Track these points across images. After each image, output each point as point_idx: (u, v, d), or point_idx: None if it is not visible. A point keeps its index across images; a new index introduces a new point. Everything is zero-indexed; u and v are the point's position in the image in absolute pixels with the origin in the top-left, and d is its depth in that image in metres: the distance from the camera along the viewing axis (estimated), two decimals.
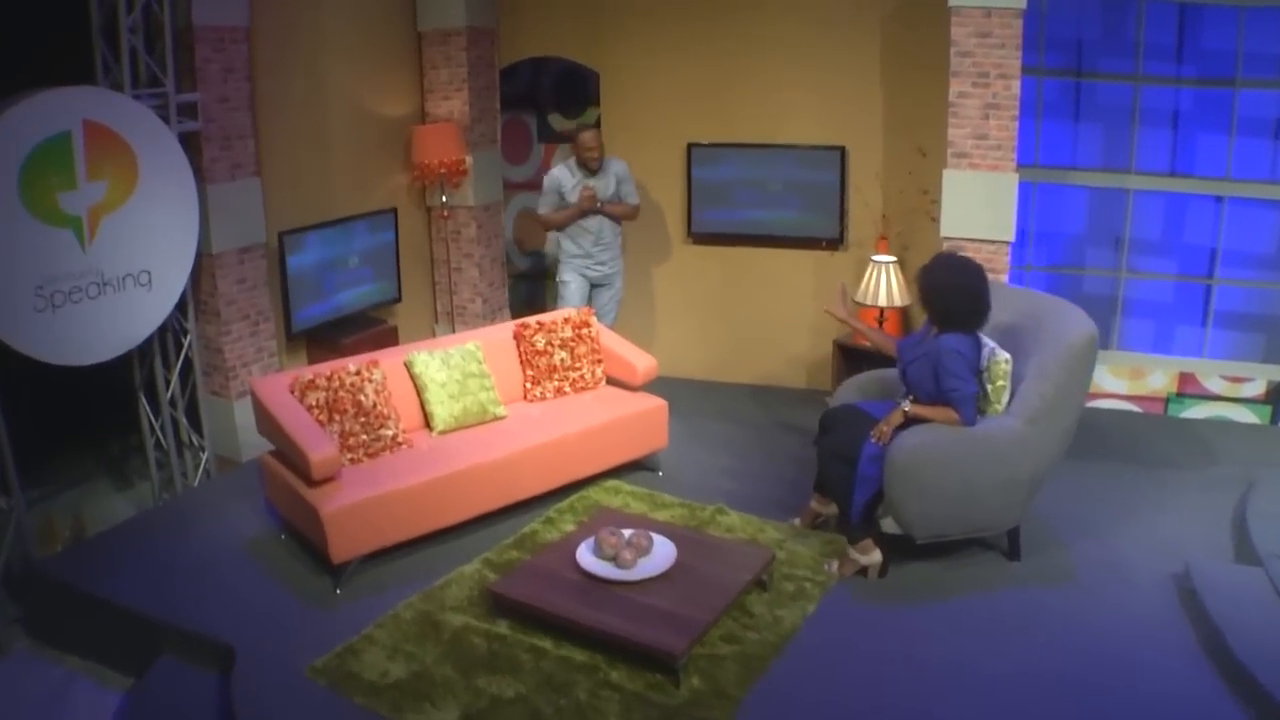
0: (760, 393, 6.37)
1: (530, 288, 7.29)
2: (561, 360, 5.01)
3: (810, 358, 6.43)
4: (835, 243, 6.14)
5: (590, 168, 5.64)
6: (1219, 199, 5.60)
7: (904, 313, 4.89)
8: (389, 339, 5.82)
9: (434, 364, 4.62)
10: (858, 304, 4.95)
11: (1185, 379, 5.77)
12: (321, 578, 4.09)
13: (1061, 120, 5.72)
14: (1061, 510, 4.55)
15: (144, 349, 4.71)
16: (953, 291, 3.87)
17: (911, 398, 4.06)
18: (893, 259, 4.78)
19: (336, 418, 4.21)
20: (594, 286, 5.90)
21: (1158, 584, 4.03)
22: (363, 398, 4.30)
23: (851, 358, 6.10)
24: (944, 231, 5.23)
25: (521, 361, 5.02)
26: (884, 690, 3.43)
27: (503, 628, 3.70)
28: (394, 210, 5.96)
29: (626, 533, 3.90)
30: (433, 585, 4.01)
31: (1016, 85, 4.94)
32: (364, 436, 4.26)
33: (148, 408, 4.89)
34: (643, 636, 3.44)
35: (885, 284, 4.74)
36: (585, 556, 3.84)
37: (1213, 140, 5.55)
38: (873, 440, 4.02)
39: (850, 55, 5.90)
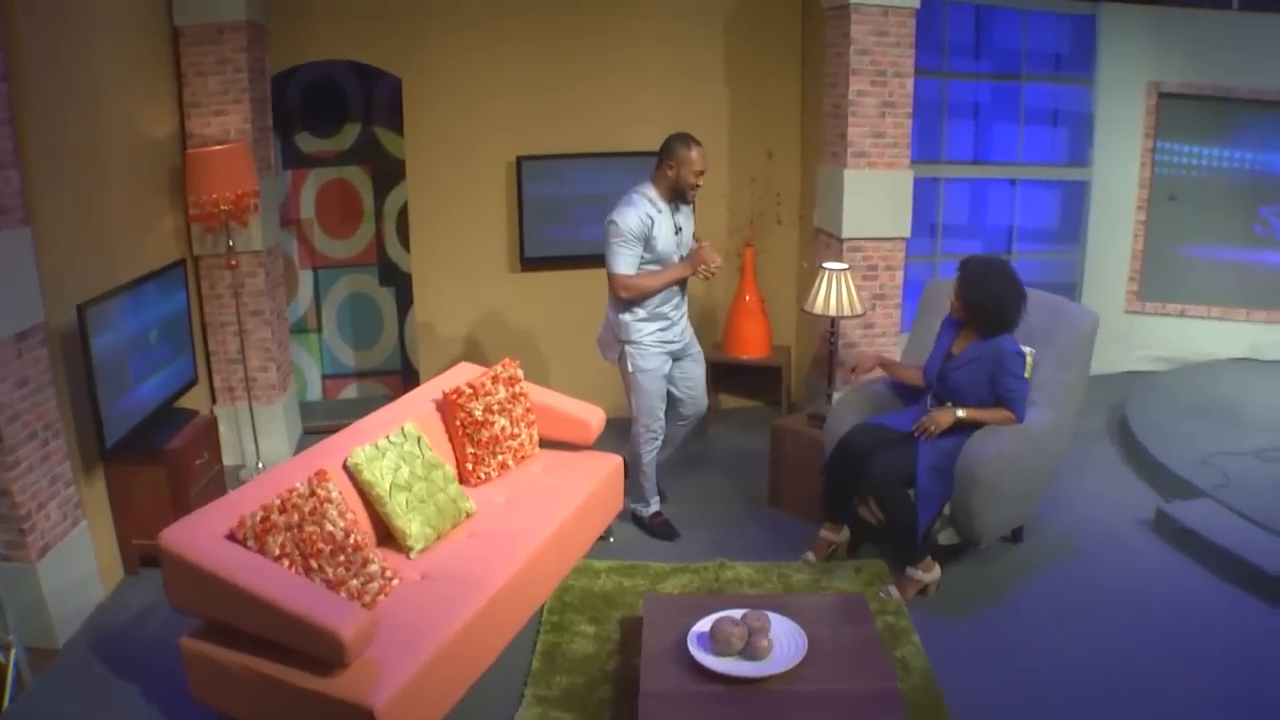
0: (621, 426, 5.77)
1: None
2: (503, 429, 4.04)
3: None
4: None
5: (689, 199, 4.17)
6: (1013, 182, 6.19)
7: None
8: (212, 434, 4.30)
9: (384, 462, 3.43)
10: (807, 312, 4.64)
11: None
12: None
13: None
14: None
15: None
16: (1006, 296, 3.74)
17: (950, 404, 3.87)
18: (844, 266, 4.52)
19: (315, 564, 2.93)
20: (674, 360, 4.34)
21: (1148, 533, 4.37)
22: (331, 528, 3.04)
23: (718, 373, 5.77)
24: (845, 233, 5.11)
25: (456, 437, 3.96)
26: (1062, 698, 3.28)
27: None
28: (183, 263, 4.39)
29: (736, 614, 3.22)
30: None
31: (910, 83, 4.95)
32: (354, 582, 3.01)
33: None
34: None
35: (844, 292, 4.46)
36: (711, 660, 3.08)
37: (1006, 129, 6.12)
38: (916, 433, 3.83)
39: (693, 55, 5.53)
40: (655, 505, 4.49)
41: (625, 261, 4.01)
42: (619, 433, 4.81)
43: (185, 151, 4.56)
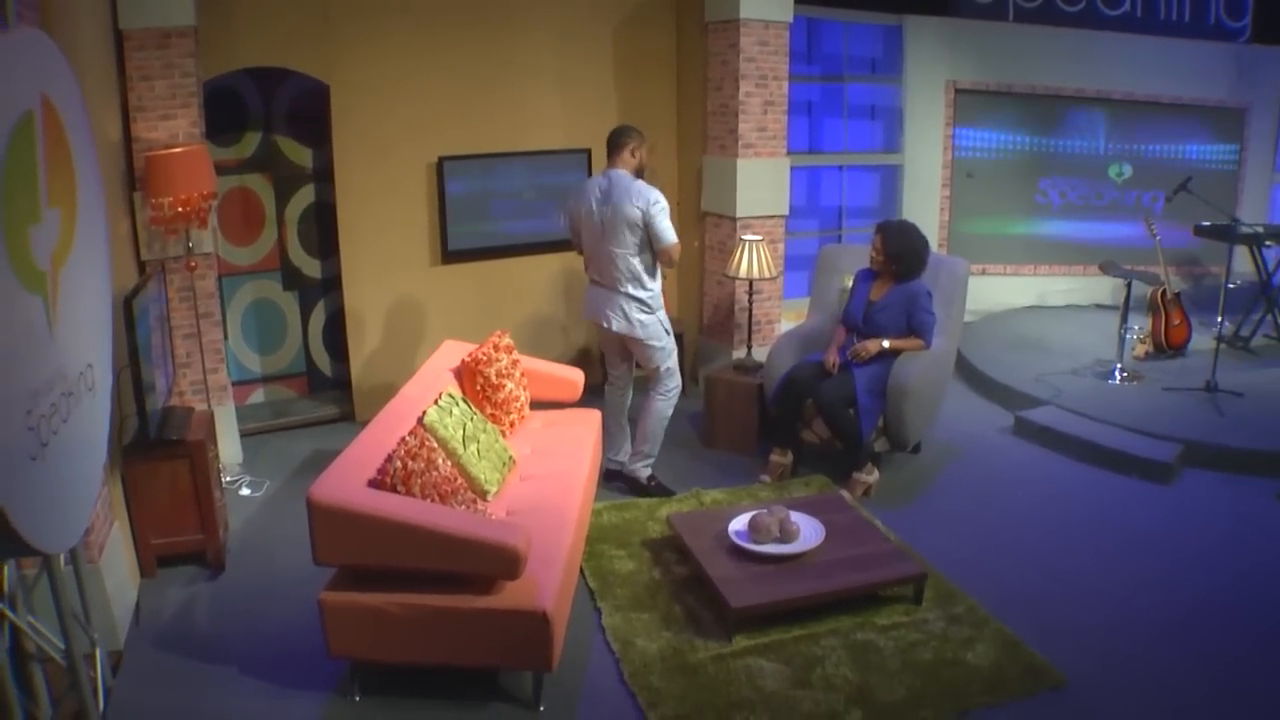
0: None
1: None
2: (510, 391, 4.50)
3: (565, 358, 6.53)
4: None
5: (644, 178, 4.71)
6: (840, 168, 7.33)
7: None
8: (212, 429, 4.37)
9: (451, 419, 3.83)
10: (730, 277, 5.44)
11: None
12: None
13: None
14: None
15: None
16: (921, 250, 4.72)
17: (872, 338, 4.78)
18: (759, 237, 5.37)
19: (449, 503, 3.32)
20: None
21: (1010, 437, 5.56)
22: (445, 473, 3.44)
23: None
24: (739, 213, 5.93)
25: (476, 400, 4.37)
26: (995, 550, 4.29)
27: (745, 642, 3.53)
28: (162, 270, 4.43)
29: (764, 511, 3.94)
30: (621, 653, 3.52)
31: (785, 85, 5.86)
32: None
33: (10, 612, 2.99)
34: (887, 576, 3.76)
35: (757, 259, 5.28)
36: (756, 547, 3.82)
37: (834, 123, 7.25)
38: (850, 357, 4.72)
39: (585, 67, 6.14)
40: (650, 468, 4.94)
41: (672, 229, 4.51)
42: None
43: (145, 154, 4.56)
